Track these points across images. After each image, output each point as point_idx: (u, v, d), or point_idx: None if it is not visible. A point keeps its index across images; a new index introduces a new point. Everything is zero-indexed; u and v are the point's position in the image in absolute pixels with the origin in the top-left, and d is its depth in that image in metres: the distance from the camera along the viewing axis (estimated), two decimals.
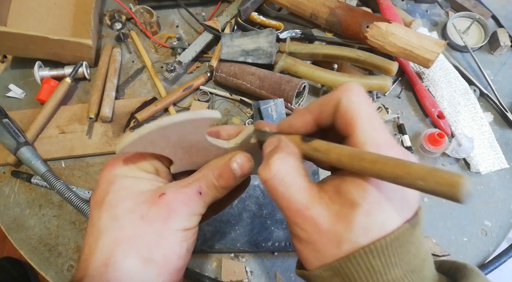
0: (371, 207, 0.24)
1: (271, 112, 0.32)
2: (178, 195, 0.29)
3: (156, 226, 0.27)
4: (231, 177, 0.31)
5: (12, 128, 0.60)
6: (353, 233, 0.24)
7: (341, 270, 0.24)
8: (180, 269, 0.29)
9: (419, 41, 0.61)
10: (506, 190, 0.63)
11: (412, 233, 0.25)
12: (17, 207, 0.60)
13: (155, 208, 0.28)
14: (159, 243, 0.27)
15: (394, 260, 0.24)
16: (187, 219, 0.29)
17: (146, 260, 0.27)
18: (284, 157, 0.27)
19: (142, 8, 0.75)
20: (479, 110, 0.68)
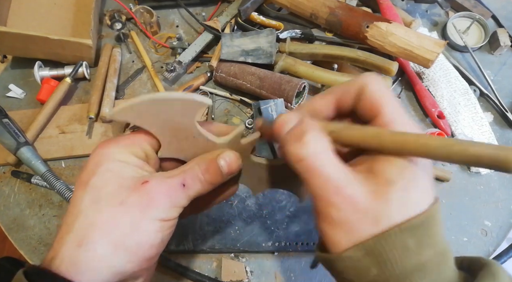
0: (407, 184, 0.25)
1: (271, 112, 0.32)
2: (161, 185, 0.29)
3: (134, 213, 0.28)
4: (217, 173, 0.31)
5: (12, 128, 0.60)
6: (390, 210, 0.24)
7: (375, 249, 0.24)
8: (152, 258, 0.29)
9: (419, 41, 0.61)
10: (506, 190, 0.63)
11: (440, 213, 0.25)
12: (17, 207, 0.60)
13: (136, 195, 0.28)
14: (133, 231, 0.27)
15: (426, 240, 0.24)
16: (167, 210, 0.29)
17: (118, 245, 0.27)
18: (317, 135, 0.27)
19: (142, 8, 0.75)
20: (479, 110, 0.68)
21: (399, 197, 0.25)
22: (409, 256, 0.24)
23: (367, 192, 0.25)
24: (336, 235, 0.26)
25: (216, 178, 0.32)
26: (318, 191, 0.26)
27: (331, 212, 0.25)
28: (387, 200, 0.25)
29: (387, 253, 0.24)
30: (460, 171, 0.64)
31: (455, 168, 0.65)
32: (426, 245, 0.25)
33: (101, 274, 0.26)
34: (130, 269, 0.28)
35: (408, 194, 0.25)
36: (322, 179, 0.25)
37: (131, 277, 0.29)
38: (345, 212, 0.25)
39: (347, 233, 0.25)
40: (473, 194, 0.63)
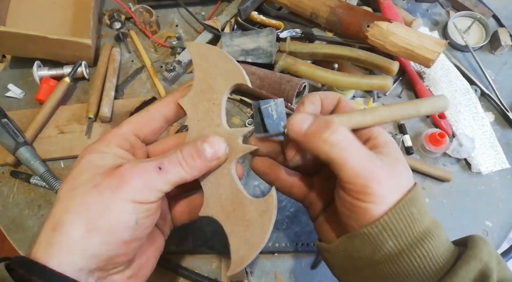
0: (404, 161, 0.31)
1: (271, 112, 0.33)
2: (133, 167, 0.29)
3: (106, 195, 0.28)
4: (201, 156, 0.31)
5: (11, 128, 0.60)
6: (402, 184, 0.30)
7: (390, 223, 0.28)
8: (129, 242, 0.29)
9: (420, 41, 0.61)
10: (507, 190, 0.63)
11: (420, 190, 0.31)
12: (16, 207, 0.60)
13: (109, 178, 0.29)
14: (105, 212, 0.28)
15: (424, 208, 0.29)
16: (140, 191, 0.29)
17: (91, 227, 0.27)
18: (340, 123, 0.31)
19: (142, 7, 0.75)
20: (480, 110, 0.67)
21: (405, 171, 0.30)
22: (416, 223, 0.28)
23: (387, 169, 0.29)
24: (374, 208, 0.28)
25: (200, 163, 0.31)
26: (357, 169, 0.28)
27: (373, 186, 0.28)
28: (400, 174, 0.30)
29: (400, 225, 0.28)
30: (461, 171, 0.64)
31: (456, 168, 0.64)
32: (424, 212, 0.29)
33: (74, 256, 0.26)
34: (105, 252, 0.28)
35: (408, 169, 0.31)
36: (360, 158, 0.29)
37: (110, 262, 0.29)
38: (383, 186, 0.28)
39: (380, 204, 0.28)
40: (474, 194, 0.62)
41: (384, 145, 0.31)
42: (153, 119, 0.35)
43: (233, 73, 0.35)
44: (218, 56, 0.36)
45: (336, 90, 0.67)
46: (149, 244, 0.35)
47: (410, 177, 0.31)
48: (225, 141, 0.34)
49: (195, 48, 0.37)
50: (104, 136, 0.33)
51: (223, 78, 0.35)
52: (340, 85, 0.64)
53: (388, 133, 0.33)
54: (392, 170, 0.29)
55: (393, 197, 0.28)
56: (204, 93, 0.36)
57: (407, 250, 0.27)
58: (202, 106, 0.36)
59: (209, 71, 0.36)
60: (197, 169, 0.31)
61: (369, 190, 0.28)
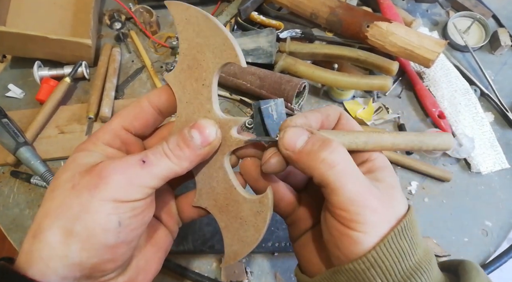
0: (398, 187, 0.29)
1: (271, 112, 0.31)
2: (113, 163, 0.27)
3: (83, 195, 0.25)
4: (189, 145, 0.28)
5: (11, 128, 0.60)
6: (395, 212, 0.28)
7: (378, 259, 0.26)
8: (113, 246, 0.26)
9: (419, 41, 0.61)
10: (507, 190, 0.63)
11: (415, 218, 0.29)
12: (17, 207, 0.60)
13: (87, 177, 0.26)
14: (82, 214, 0.25)
15: (416, 240, 0.27)
16: (121, 189, 0.26)
17: (68, 232, 0.25)
18: (338, 142, 0.29)
19: (142, 7, 0.75)
20: (480, 110, 0.67)
21: (400, 198, 0.29)
22: (407, 257, 0.26)
23: (382, 197, 0.27)
24: (363, 238, 0.26)
25: (189, 152, 0.28)
26: (352, 196, 0.26)
27: (366, 214, 0.26)
28: (394, 203, 0.28)
29: (389, 260, 0.25)
30: (461, 171, 0.64)
31: (456, 168, 0.64)
32: (416, 242, 0.27)
33: (55, 264, 0.24)
34: (86, 260, 0.25)
35: (402, 196, 0.29)
36: (357, 183, 0.27)
37: (96, 270, 0.26)
38: (377, 215, 0.26)
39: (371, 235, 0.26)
40: (474, 194, 0.63)
41: (381, 170, 0.29)
42: (143, 111, 0.32)
43: (224, 49, 0.29)
44: (206, 24, 0.29)
45: (336, 90, 0.67)
46: (149, 245, 0.32)
47: (404, 204, 0.28)
48: (213, 121, 0.30)
49: (178, 10, 0.30)
50: (94, 133, 0.30)
51: (212, 53, 0.30)
52: (340, 85, 0.64)
53: (385, 157, 0.31)
54: (387, 198, 0.27)
55: (385, 227, 0.26)
56: (192, 70, 0.31)
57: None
58: (190, 86, 0.31)
59: (196, 43, 0.30)
60: (186, 160, 0.28)
61: (362, 218, 0.26)
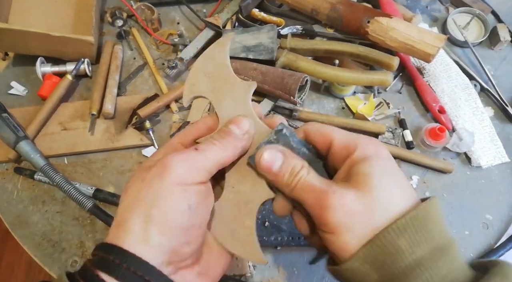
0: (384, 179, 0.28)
1: None
2: (173, 154, 0.30)
3: (154, 184, 0.28)
4: (230, 135, 0.32)
5: (11, 122, 0.60)
6: (377, 210, 0.27)
7: (370, 255, 0.26)
8: (186, 228, 0.28)
9: (420, 36, 0.62)
10: (507, 184, 0.63)
11: (436, 209, 0.27)
12: (20, 203, 0.61)
13: (153, 169, 0.29)
14: (156, 200, 0.28)
15: (419, 238, 0.26)
16: (184, 173, 0.29)
17: (147, 218, 0.27)
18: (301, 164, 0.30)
19: (143, 5, 0.75)
20: (480, 105, 0.68)
21: (382, 195, 0.27)
22: (403, 256, 0.25)
23: (352, 193, 0.27)
24: (341, 240, 0.27)
25: (231, 140, 0.32)
26: (312, 203, 0.28)
27: (328, 217, 0.27)
28: (371, 197, 0.27)
29: (381, 257, 0.26)
30: (462, 165, 0.65)
31: (457, 162, 0.65)
32: (419, 242, 0.26)
33: (139, 249, 0.26)
34: (165, 242, 0.27)
35: (390, 192, 0.27)
36: (312, 191, 0.28)
37: (175, 254, 0.28)
38: (339, 215, 0.27)
39: (350, 233, 0.27)
40: (474, 187, 0.63)
41: (359, 163, 0.29)
42: (196, 127, 0.36)
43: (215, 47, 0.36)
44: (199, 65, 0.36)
45: (337, 86, 0.68)
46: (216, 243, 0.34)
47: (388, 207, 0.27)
48: (242, 115, 0.34)
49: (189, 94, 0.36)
50: None
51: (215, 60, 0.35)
52: (340, 80, 0.65)
53: (369, 145, 0.30)
54: (362, 195, 0.27)
55: (363, 227, 0.26)
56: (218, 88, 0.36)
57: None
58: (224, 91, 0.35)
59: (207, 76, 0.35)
60: (230, 146, 0.31)
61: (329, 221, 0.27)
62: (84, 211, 0.59)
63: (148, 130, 0.65)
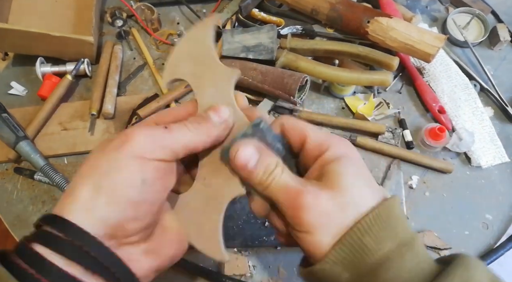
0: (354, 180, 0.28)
1: None
2: (139, 126, 0.29)
3: (111, 154, 0.28)
4: (207, 120, 0.31)
5: (11, 122, 0.60)
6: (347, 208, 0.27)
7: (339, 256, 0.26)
8: (135, 203, 0.27)
9: (419, 36, 0.62)
10: (507, 184, 0.63)
11: (397, 205, 0.28)
12: (20, 203, 0.61)
13: (116, 139, 0.28)
14: (110, 170, 0.27)
15: (385, 234, 0.26)
16: (146, 146, 0.28)
17: (96, 187, 0.27)
18: (276, 162, 0.30)
19: (143, 5, 0.75)
20: (480, 105, 0.68)
21: (354, 195, 0.28)
22: (369, 253, 0.26)
23: (326, 193, 0.27)
24: (314, 239, 0.27)
25: (207, 126, 0.31)
26: (285, 202, 0.28)
27: (302, 217, 0.27)
28: (344, 197, 0.27)
29: (350, 256, 0.26)
30: (462, 165, 0.65)
31: (456, 161, 0.65)
32: (384, 239, 0.26)
33: (83, 218, 0.26)
34: (110, 214, 0.26)
35: (361, 192, 0.28)
36: (286, 191, 0.28)
37: (120, 228, 0.27)
38: (313, 215, 0.27)
39: (323, 232, 0.27)
40: (474, 187, 0.63)
41: (336, 175, 0.28)
42: (175, 110, 0.35)
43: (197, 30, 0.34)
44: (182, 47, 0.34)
45: (337, 86, 0.68)
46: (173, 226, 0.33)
47: (370, 192, 0.28)
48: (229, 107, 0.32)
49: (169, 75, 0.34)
50: None
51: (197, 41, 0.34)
52: (340, 80, 0.65)
53: (341, 145, 0.30)
54: (340, 204, 0.27)
55: (336, 226, 0.27)
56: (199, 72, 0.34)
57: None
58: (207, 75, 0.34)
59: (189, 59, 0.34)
60: (204, 133, 0.31)
61: (302, 219, 0.27)
62: None
63: None
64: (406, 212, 0.60)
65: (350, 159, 0.29)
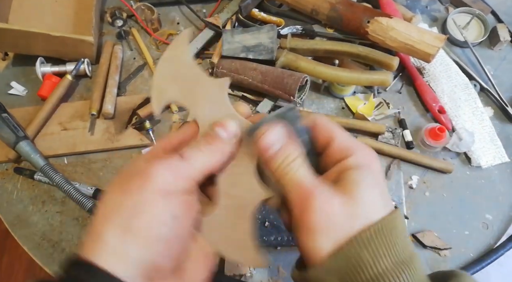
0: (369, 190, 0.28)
1: None
2: (156, 161, 0.28)
3: (134, 194, 0.27)
4: (216, 138, 0.30)
5: (11, 122, 0.60)
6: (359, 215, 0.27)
7: (334, 266, 0.26)
8: (167, 240, 0.27)
9: (419, 36, 0.62)
10: (507, 184, 0.63)
11: (400, 223, 0.27)
12: (20, 203, 0.61)
13: (135, 177, 0.27)
14: (137, 210, 0.26)
15: (382, 251, 0.26)
16: (167, 180, 0.27)
17: (126, 230, 0.26)
18: (298, 154, 0.29)
19: (143, 5, 0.75)
20: (480, 105, 0.68)
21: (366, 206, 0.27)
22: (365, 268, 0.25)
23: (338, 198, 0.27)
24: (315, 241, 0.26)
25: (218, 144, 0.30)
26: (295, 198, 0.28)
27: (308, 217, 0.27)
28: (355, 206, 0.27)
29: (345, 269, 0.26)
30: (462, 165, 0.65)
31: (456, 161, 0.65)
32: (382, 255, 0.26)
33: (116, 263, 0.25)
34: (144, 256, 0.26)
35: (374, 204, 0.27)
36: (299, 187, 0.28)
37: (154, 268, 0.26)
38: (320, 218, 0.26)
39: (325, 237, 0.26)
40: (474, 187, 0.63)
41: (353, 183, 0.28)
42: (180, 133, 0.34)
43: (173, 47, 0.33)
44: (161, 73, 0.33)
45: (337, 86, 0.68)
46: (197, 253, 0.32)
47: (380, 206, 0.28)
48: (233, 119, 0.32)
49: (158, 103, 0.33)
50: None
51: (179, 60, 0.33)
52: (340, 80, 0.65)
53: (366, 155, 0.30)
54: (349, 213, 0.27)
55: (343, 231, 0.26)
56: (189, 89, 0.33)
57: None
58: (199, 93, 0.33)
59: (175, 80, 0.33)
60: (218, 151, 0.30)
61: (309, 220, 0.27)
62: (84, 211, 0.59)
63: (148, 131, 0.65)
64: (406, 212, 0.60)
65: (371, 171, 0.29)
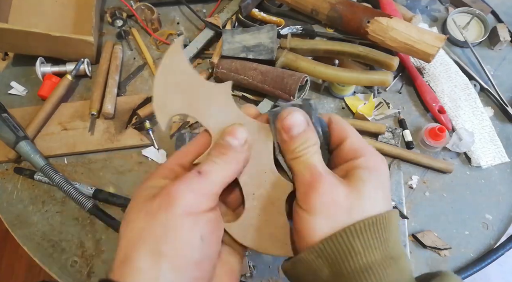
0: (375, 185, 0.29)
1: None
2: (177, 182, 0.28)
3: (161, 217, 0.27)
4: (228, 148, 0.30)
5: (11, 122, 0.60)
6: (363, 205, 0.28)
7: (325, 251, 0.26)
8: (198, 262, 0.27)
9: (419, 36, 0.62)
10: (507, 184, 0.63)
11: (395, 222, 0.28)
12: (20, 203, 0.61)
13: (157, 200, 0.27)
14: (166, 234, 0.26)
15: (374, 243, 0.27)
16: (192, 201, 0.27)
17: (156, 254, 0.26)
18: (316, 141, 0.31)
19: (143, 5, 0.75)
20: (480, 105, 0.68)
21: (368, 201, 0.28)
22: (355, 257, 0.26)
23: (344, 188, 0.28)
24: (314, 222, 0.27)
25: (232, 155, 0.30)
26: (304, 178, 0.29)
27: (312, 197, 0.28)
28: (359, 199, 0.28)
29: (335, 254, 0.26)
30: (461, 165, 0.65)
31: (456, 161, 0.65)
32: (373, 247, 0.26)
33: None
34: (177, 279, 0.26)
35: (376, 202, 0.28)
36: (310, 169, 0.29)
37: None
38: (323, 199, 0.28)
39: (324, 219, 0.27)
40: (474, 187, 0.63)
41: (359, 180, 0.29)
42: (192, 145, 0.34)
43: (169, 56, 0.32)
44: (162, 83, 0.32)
45: (337, 86, 0.68)
46: (222, 269, 0.32)
47: (380, 205, 0.28)
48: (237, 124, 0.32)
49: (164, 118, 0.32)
50: (152, 172, 0.32)
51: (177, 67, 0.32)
52: (340, 80, 0.65)
53: (376, 160, 0.30)
54: (351, 203, 0.28)
55: (342, 218, 0.27)
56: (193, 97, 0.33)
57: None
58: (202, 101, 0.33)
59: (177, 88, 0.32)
60: (233, 161, 0.30)
61: (314, 202, 0.28)
62: (84, 211, 0.59)
63: (148, 131, 0.65)
64: (406, 212, 0.60)
65: (379, 174, 0.30)
